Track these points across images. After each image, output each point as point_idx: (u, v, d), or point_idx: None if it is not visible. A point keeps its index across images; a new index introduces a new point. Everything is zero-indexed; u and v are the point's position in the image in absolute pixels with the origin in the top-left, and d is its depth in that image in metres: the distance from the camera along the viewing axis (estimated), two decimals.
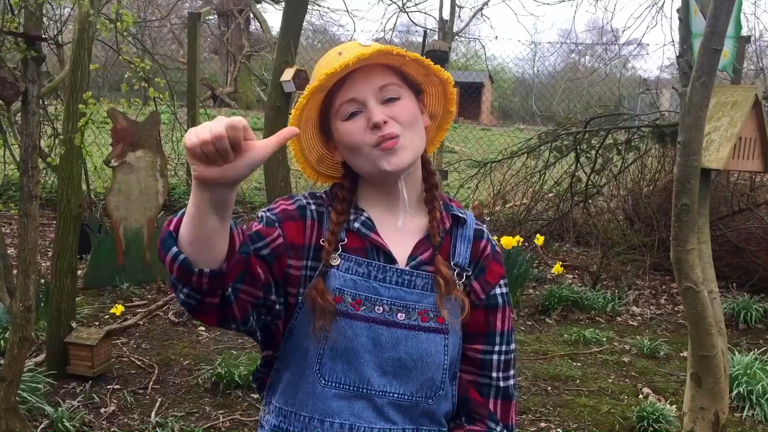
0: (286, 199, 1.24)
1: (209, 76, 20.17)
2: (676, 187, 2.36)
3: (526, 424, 3.13)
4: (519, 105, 20.09)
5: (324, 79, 1.13)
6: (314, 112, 1.21)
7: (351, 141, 1.17)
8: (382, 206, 1.23)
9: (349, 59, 1.11)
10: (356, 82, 1.16)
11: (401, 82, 1.20)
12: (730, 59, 2.64)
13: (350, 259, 1.18)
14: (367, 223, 1.21)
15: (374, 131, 1.15)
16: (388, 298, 1.17)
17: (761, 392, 3.31)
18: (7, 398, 2.57)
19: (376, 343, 1.17)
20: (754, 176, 5.59)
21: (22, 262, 2.52)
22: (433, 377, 1.19)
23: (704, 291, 2.45)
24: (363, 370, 1.17)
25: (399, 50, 1.15)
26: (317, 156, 1.28)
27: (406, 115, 1.17)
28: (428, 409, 1.20)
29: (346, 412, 1.17)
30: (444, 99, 1.28)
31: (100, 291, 4.63)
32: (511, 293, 4.87)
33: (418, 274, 1.19)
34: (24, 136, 2.46)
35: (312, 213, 1.21)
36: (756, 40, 7.96)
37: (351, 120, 1.17)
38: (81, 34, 3.02)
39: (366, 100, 1.16)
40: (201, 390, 3.29)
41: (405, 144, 1.16)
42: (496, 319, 1.25)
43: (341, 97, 1.17)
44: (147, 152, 4.77)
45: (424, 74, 1.23)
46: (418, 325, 1.18)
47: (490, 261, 1.26)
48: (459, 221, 1.25)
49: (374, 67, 1.18)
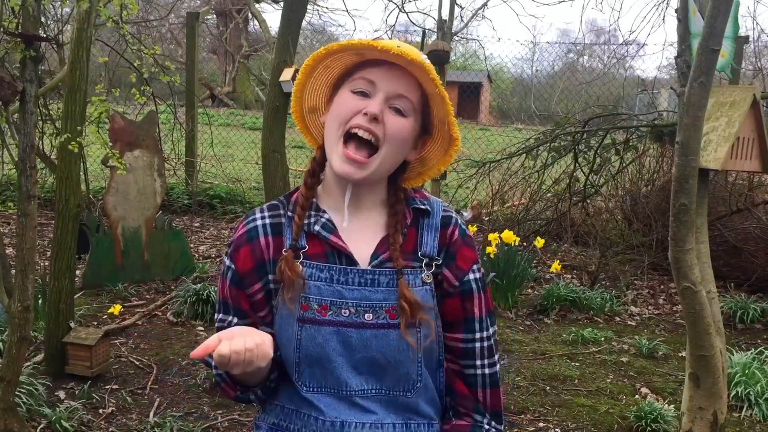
0: (242, 222, 1.27)
1: (208, 76, 20.17)
2: (674, 187, 2.36)
3: (525, 424, 3.13)
4: (518, 105, 20.09)
5: (365, 44, 1.14)
6: (337, 69, 1.23)
7: (340, 111, 1.19)
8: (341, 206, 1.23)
9: (396, 50, 1.13)
10: (386, 73, 1.17)
11: (417, 107, 1.20)
12: (728, 59, 2.64)
13: (312, 266, 1.19)
14: (327, 225, 1.22)
15: (363, 118, 1.16)
16: (353, 300, 1.18)
17: (759, 392, 3.32)
18: (6, 398, 2.57)
19: (346, 346, 1.17)
20: (752, 176, 5.60)
21: (20, 261, 2.51)
22: (408, 371, 1.20)
23: (702, 291, 2.45)
24: (338, 373, 1.18)
25: (436, 76, 1.16)
26: (313, 105, 1.29)
27: (399, 134, 1.18)
28: (408, 402, 1.21)
29: (334, 412, 1.19)
30: (442, 156, 1.28)
31: (98, 291, 4.63)
32: (510, 293, 4.89)
33: (381, 272, 1.19)
34: (22, 135, 2.45)
35: (265, 229, 1.23)
36: (754, 40, 7.97)
37: (356, 95, 1.18)
38: (80, 34, 3.02)
39: (379, 90, 1.17)
40: (199, 390, 3.29)
41: (371, 167, 1.17)
42: (473, 305, 1.25)
43: (365, 73, 1.19)
44: (145, 152, 4.77)
45: (441, 120, 1.23)
46: (387, 323, 1.18)
47: (459, 246, 1.25)
48: (422, 212, 1.25)
49: (408, 76, 1.18)
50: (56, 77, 4.16)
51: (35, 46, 2.44)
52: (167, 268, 4.99)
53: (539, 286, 5.34)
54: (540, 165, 6.33)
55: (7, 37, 2.67)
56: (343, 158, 1.17)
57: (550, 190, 6.65)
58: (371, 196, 1.24)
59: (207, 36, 19.54)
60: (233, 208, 7.44)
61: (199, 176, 7.63)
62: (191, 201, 7.31)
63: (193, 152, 7.53)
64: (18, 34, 2.45)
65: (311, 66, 1.22)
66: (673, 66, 3.84)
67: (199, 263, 5.31)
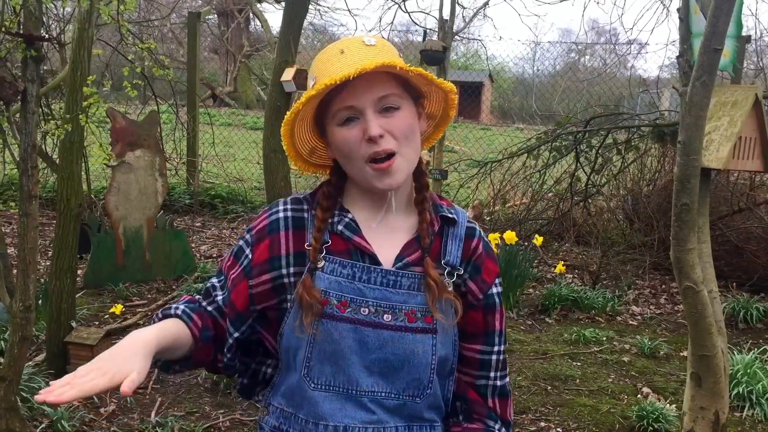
0: (266, 212, 1.25)
1: (209, 76, 20.19)
2: (676, 187, 2.36)
3: (526, 424, 3.13)
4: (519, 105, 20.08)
5: (323, 90, 1.11)
6: (310, 111, 1.20)
7: (345, 149, 1.16)
8: (368, 207, 1.23)
9: (350, 72, 1.08)
10: (356, 89, 1.13)
11: (402, 91, 1.18)
12: (730, 59, 2.63)
13: (334, 261, 1.18)
14: (350, 225, 1.20)
15: (369, 144, 1.13)
16: (374, 299, 1.17)
17: (761, 392, 3.31)
18: (7, 398, 2.57)
19: (362, 344, 1.17)
20: (754, 176, 5.59)
21: (21, 261, 2.51)
22: (420, 377, 1.19)
23: (704, 290, 2.45)
24: (350, 371, 1.17)
25: (403, 65, 1.13)
26: (310, 148, 1.28)
27: (403, 128, 1.16)
28: (416, 409, 1.20)
29: (338, 415, 1.17)
30: (445, 103, 1.27)
31: (99, 290, 4.63)
32: (511, 293, 4.88)
33: (404, 274, 1.18)
34: (23, 135, 2.45)
35: (287, 222, 1.22)
36: (756, 39, 7.96)
37: (347, 126, 1.15)
38: (81, 34, 3.02)
39: (364, 109, 1.14)
40: (201, 389, 3.29)
41: (399, 164, 1.16)
42: (495, 319, 1.25)
43: (339, 102, 1.15)
44: (146, 152, 4.77)
45: (426, 84, 1.22)
46: (405, 326, 1.17)
47: (484, 259, 1.25)
48: (449, 221, 1.24)
49: (376, 74, 1.14)
50: (57, 77, 4.16)
51: (37, 46, 2.44)
52: (168, 268, 4.99)
53: (541, 285, 5.34)
54: (541, 165, 6.33)
55: (9, 37, 2.67)
56: (377, 174, 1.15)
57: (552, 189, 6.66)
58: (397, 198, 1.23)
59: (208, 36, 19.54)
60: (234, 207, 7.44)
61: (200, 176, 7.63)
62: (192, 201, 7.31)
63: (195, 152, 7.53)
64: (19, 34, 2.45)
65: (289, 131, 1.19)
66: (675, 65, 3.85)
67: (201, 263, 5.32)
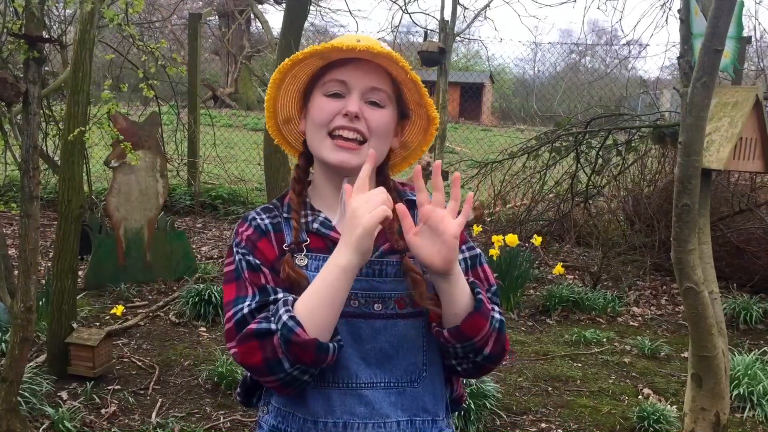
0: (242, 226, 1.25)
1: (210, 77, 20.18)
2: (676, 188, 2.36)
3: (527, 425, 3.13)
4: (519, 105, 20.09)
5: (329, 48, 1.16)
6: (305, 75, 1.24)
7: (318, 117, 1.20)
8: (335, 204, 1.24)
9: (360, 45, 1.14)
10: (354, 70, 1.19)
11: (392, 97, 1.23)
12: (731, 60, 2.64)
13: (318, 258, 1.19)
14: (325, 222, 1.23)
15: (344, 119, 1.18)
16: (361, 290, 1.18)
17: (762, 393, 3.31)
18: (8, 399, 2.57)
19: (356, 336, 1.18)
20: (755, 177, 5.59)
21: (22, 262, 2.52)
22: (415, 361, 1.21)
23: (705, 291, 2.45)
24: (348, 364, 1.18)
25: (405, 63, 1.17)
26: (287, 116, 1.31)
27: (380, 124, 1.20)
28: (416, 396, 1.21)
29: (338, 411, 1.18)
30: (422, 136, 1.31)
31: (100, 291, 4.63)
32: (512, 294, 4.88)
33: (388, 262, 1.20)
34: (25, 136, 2.46)
35: (266, 226, 1.23)
36: (757, 40, 7.96)
37: (331, 98, 1.20)
38: (83, 35, 3.03)
39: (353, 88, 1.19)
40: (202, 390, 3.29)
41: (362, 152, 1.18)
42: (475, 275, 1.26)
43: (334, 74, 1.20)
44: (147, 153, 4.77)
45: (417, 103, 1.26)
46: (395, 313, 1.19)
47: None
48: (414, 204, 1.25)
49: (377, 68, 1.20)
50: (59, 78, 4.17)
51: (38, 48, 2.44)
52: (169, 269, 4.99)
53: (541, 286, 5.33)
54: (542, 165, 6.33)
55: (11, 38, 2.68)
56: (335, 147, 1.19)
57: (552, 190, 6.65)
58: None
59: (209, 37, 19.57)
60: (235, 208, 7.44)
61: (201, 177, 7.63)
62: (193, 202, 7.31)
63: (196, 153, 7.54)
64: (21, 35, 2.46)
65: (279, 79, 1.23)
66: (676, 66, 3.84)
67: (202, 264, 5.32)
